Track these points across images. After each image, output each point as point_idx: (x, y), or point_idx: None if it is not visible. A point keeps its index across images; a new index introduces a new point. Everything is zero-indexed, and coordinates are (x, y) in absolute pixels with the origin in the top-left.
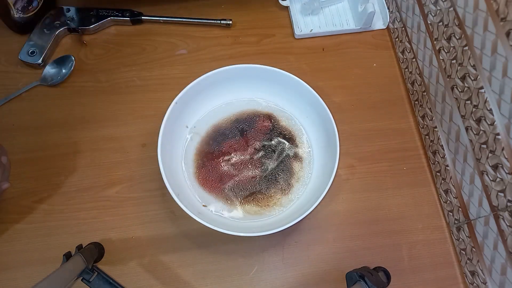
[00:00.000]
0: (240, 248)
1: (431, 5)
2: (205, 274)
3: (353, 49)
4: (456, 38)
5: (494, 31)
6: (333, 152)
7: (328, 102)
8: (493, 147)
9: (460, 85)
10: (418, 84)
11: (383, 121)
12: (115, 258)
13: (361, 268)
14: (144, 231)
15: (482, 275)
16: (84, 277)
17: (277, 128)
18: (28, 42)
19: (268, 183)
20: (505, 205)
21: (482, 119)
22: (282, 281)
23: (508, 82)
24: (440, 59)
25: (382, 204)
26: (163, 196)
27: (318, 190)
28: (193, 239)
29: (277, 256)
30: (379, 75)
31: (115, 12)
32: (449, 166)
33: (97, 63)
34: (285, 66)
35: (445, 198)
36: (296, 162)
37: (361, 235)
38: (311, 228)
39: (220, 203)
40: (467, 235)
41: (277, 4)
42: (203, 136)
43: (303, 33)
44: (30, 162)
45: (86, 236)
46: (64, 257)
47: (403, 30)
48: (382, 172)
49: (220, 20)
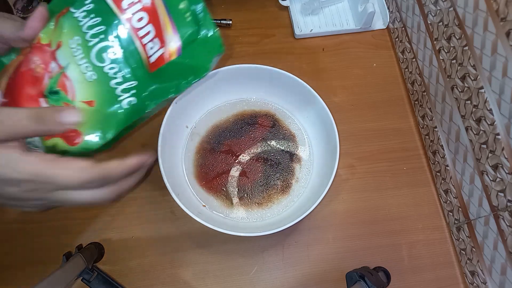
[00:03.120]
0: (240, 248)
1: (431, 5)
2: (205, 274)
3: (353, 49)
4: (456, 38)
5: (494, 31)
6: (333, 152)
7: (328, 102)
8: (493, 147)
9: (460, 85)
10: (418, 84)
11: (383, 121)
12: (115, 258)
13: (361, 268)
14: (144, 231)
15: (482, 275)
16: (84, 277)
17: (277, 128)
18: None
19: (268, 183)
20: (505, 205)
21: (482, 119)
22: (282, 281)
23: (508, 82)
24: (440, 59)
25: (382, 204)
26: (163, 196)
27: (318, 190)
28: (193, 239)
29: (277, 256)
30: (379, 75)
31: None
32: (449, 166)
33: None
34: (285, 66)
35: (445, 198)
36: (296, 162)
37: (361, 235)
38: (311, 228)
39: (220, 203)
40: (467, 235)
41: (277, 4)
42: (203, 136)
43: (303, 33)
44: None
45: (86, 236)
46: (64, 257)
47: (403, 30)
48: (382, 172)
49: (220, 20)
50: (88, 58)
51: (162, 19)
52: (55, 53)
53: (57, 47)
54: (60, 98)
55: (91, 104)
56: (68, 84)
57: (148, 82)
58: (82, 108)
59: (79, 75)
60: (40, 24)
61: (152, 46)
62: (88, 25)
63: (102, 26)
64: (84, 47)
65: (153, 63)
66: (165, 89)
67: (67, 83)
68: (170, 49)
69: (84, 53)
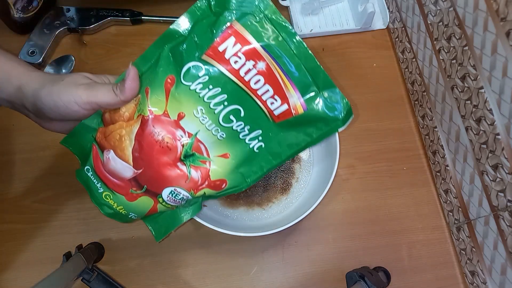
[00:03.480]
0: (240, 248)
1: (431, 5)
2: (205, 274)
3: (353, 49)
4: (456, 38)
5: (494, 31)
6: (333, 152)
7: None
8: (493, 147)
9: (460, 85)
10: (418, 84)
11: (383, 121)
12: (115, 258)
13: (361, 268)
14: (144, 231)
15: (482, 275)
16: (84, 277)
17: None
18: (28, 42)
19: (268, 183)
20: (505, 205)
21: (482, 119)
22: (282, 281)
23: (508, 82)
24: (440, 59)
25: (382, 204)
26: None
27: (318, 190)
28: (193, 239)
29: (277, 256)
30: (379, 75)
31: (115, 12)
32: (449, 166)
33: (97, 63)
34: None
35: (445, 198)
36: (296, 162)
37: (361, 235)
38: (311, 228)
39: (220, 203)
40: (467, 235)
41: (277, 4)
42: None
43: (303, 33)
44: (30, 162)
45: (86, 236)
46: (64, 257)
47: (403, 30)
48: (382, 172)
49: None
50: (216, 123)
51: (280, 79)
52: (179, 123)
53: (180, 118)
54: (196, 158)
55: (226, 156)
56: (201, 146)
57: (275, 130)
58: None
59: (211, 137)
60: (137, 83)
61: (273, 101)
62: (209, 95)
63: (224, 95)
64: (210, 114)
65: (278, 116)
66: (295, 136)
67: (200, 145)
68: (294, 104)
69: (211, 119)
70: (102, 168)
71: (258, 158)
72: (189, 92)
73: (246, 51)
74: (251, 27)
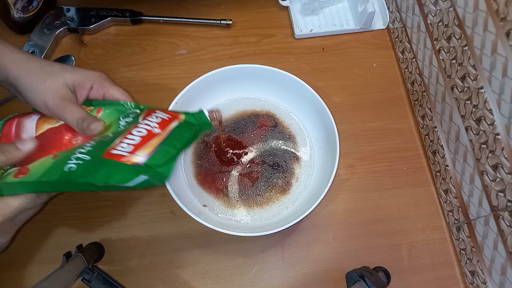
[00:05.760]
0: (240, 248)
1: (431, 5)
2: (205, 274)
3: (353, 49)
4: (456, 38)
5: (494, 31)
6: (333, 152)
7: (328, 102)
8: (493, 147)
9: (460, 85)
10: (418, 84)
11: (383, 121)
12: (115, 258)
13: (361, 268)
14: (144, 231)
15: (482, 275)
16: (84, 277)
17: (277, 128)
18: (28, 42)
19: (268, 183)
20: (505, 205)
21: (482, 119)
22: (282, 281)
23: (508, 82)
24: (440, 59)
25: (382, 204)
26: (163, 196)
27: (318, 190)
28: (193, 239)
29: (277, 256)
30: (379, 75)
31: (115, 12)
32: (449, 166)
33: (97, 63)
34: (285, 66)
35: (445, 198)
36: (296, 162)
37: (361, 235)
38: (311, 228)
39: (220, 203)
40: (467, 235)
41: (277, 4)
42: (203, 135)
43: (303, 33)
44: None
45: (86, 236)
46: (64, 257)
47: (403, 30)
48: (382, 172)
49: (220, 20)
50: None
51: (152, 142)
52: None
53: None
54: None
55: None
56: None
57: (96, 162)
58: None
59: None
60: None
61: (124, 146)
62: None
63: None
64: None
65: (109, 154)
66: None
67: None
68: (131, 159)
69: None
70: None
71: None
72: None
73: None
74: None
